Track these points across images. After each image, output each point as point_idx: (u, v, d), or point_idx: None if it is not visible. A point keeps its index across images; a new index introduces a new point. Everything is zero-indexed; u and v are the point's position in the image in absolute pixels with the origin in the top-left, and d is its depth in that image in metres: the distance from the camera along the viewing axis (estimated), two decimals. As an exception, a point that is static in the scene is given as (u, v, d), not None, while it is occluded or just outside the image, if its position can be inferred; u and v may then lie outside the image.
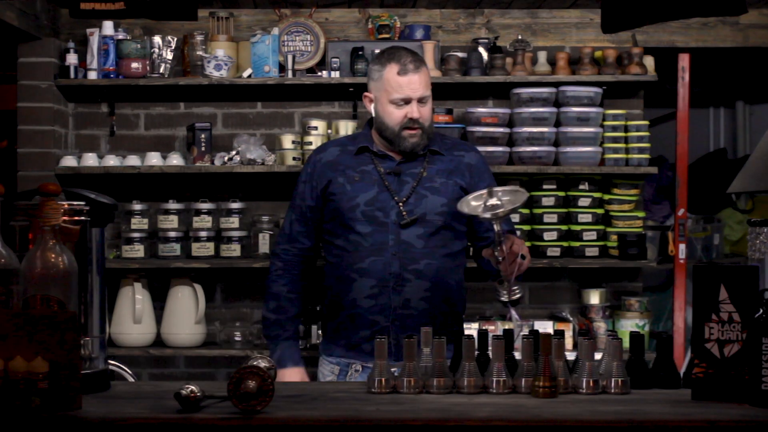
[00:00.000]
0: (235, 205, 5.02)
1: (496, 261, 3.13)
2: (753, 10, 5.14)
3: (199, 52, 4.99)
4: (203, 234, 4.98)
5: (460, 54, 5.08)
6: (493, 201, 3.05)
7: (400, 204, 3.33)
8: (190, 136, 5.03)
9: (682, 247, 5.15)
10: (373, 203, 3.34)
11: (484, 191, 3.08)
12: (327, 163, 3.43)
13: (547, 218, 5.04)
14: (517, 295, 3.16)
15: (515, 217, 5.01)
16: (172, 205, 5.02)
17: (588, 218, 5.05)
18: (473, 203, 3.08)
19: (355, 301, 3.33)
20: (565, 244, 5.04)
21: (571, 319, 5.06)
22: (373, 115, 3.42)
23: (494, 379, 2.62)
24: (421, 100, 3.34)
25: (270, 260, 3.54)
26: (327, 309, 3.46)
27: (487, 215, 3.02)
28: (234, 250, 4.97)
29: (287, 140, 4.97)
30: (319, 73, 5.03)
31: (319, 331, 4.85)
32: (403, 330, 3.26)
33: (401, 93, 3.33)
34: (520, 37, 5.14)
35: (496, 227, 3.05)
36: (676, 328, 5.10)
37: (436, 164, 3.42)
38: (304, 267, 3.49)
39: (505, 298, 3.16)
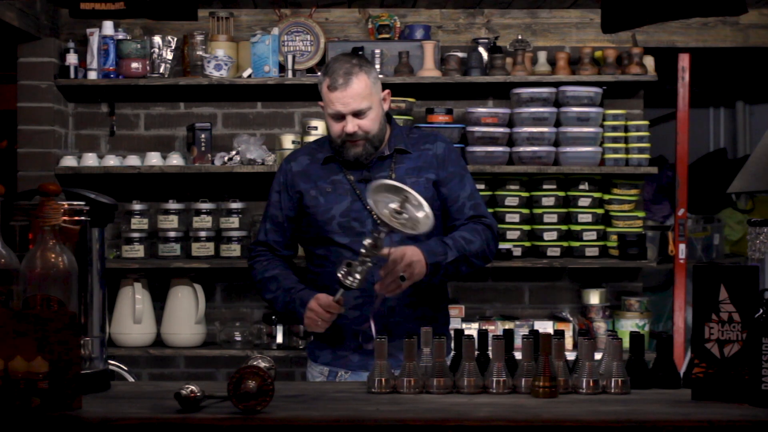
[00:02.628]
0: (235, 205, 5.02)
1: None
2: (753, 10, 5.14)
3: (199, 52, 4.99)
4: (203, 234, 4.98)
5: (460, 54, 5.08)
6: (398, 211, 2.93)
7: (374, 212, 3.18)
8: (190, 136, 5.03)
9: (682, 247, 5.15)
10: (348, 214, 3.27)
11: (399, 198, 2.94)
12: (298, 173, 3.36)
13: (547, 218, 5.04)
14: (354, 285, 2.99)
15: (515, 217, 5.02)
16: (172, 205, 5.02)
17: (588, 218, 5.05)
18: (384, 199, 2.94)
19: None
20: (565, 244, 5.04)
21: (571, 319, 5.06)
22: None
23: (494, 379, 2.62)
24: (357, 114, 3.23)
25: (250, 264, 3.42)
26: None
27: (385, 214, 2.90)
28: (234, 250, 4.96)
29: (287, 140, 4.97)
30: (319, 73, 5.03)
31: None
32: (391, 338, 3.18)
33: (333, 108, 3.25)
34: (520, 37, 5.14)
35: (381, 235, 2.93)
36: (676, 328, 5.10)
37: (405, 163, 3.33)
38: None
39: (347, 282, 2.97)
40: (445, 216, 3.34)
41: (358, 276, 2.96)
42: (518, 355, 2.68)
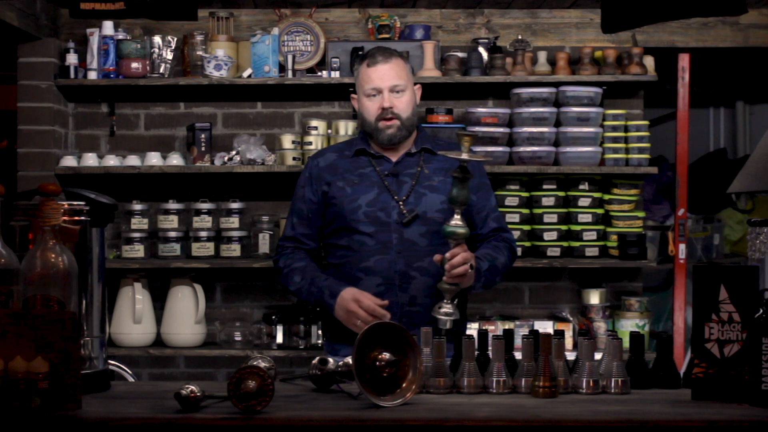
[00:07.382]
0: (235, 205, 5.02)
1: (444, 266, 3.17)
2: (753, 10, 5.14)
3: (199, 52, 4.99)
4: (203, 234, 4.98)
5: (460, 54, 5.08)
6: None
7: (401, 203, 3.37)
8: (190, 136, 5.03)
9: (682, 247, 5.15)
10: (375, 204, 3.38)
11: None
12: (325, 167, 3.48)
13: (547, 218, 5.04)
14: (452, 318, 3.12)
15: (515, 217, 5.02)
16: (172, 205, 5.02)
17: (588, 218, 5.05)
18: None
19: None
20: (565, 244, 5.04)
21: (571, 319, 5.06)
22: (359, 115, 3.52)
23: (494, 379, 2.62)
24: (393, 90, 3.39)
25: (277, 256, 3.52)
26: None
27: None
28: (234, 250, 4.96)
29: (287, 140, 4.97)
30: (319, 73, 5.03)
31: (319, 332, 4.85)
32: (411, 327, 3.24)
33: (371, 84, 3.40)
34: (520, 37, 5.14)
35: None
36: (676, 328, 5.10)
37: (433, 163, 3.46)
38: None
39: (441, 316, 3.13)
40: (469, 222, 3.41)
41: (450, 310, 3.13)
42: (518, 355, 2.68)
